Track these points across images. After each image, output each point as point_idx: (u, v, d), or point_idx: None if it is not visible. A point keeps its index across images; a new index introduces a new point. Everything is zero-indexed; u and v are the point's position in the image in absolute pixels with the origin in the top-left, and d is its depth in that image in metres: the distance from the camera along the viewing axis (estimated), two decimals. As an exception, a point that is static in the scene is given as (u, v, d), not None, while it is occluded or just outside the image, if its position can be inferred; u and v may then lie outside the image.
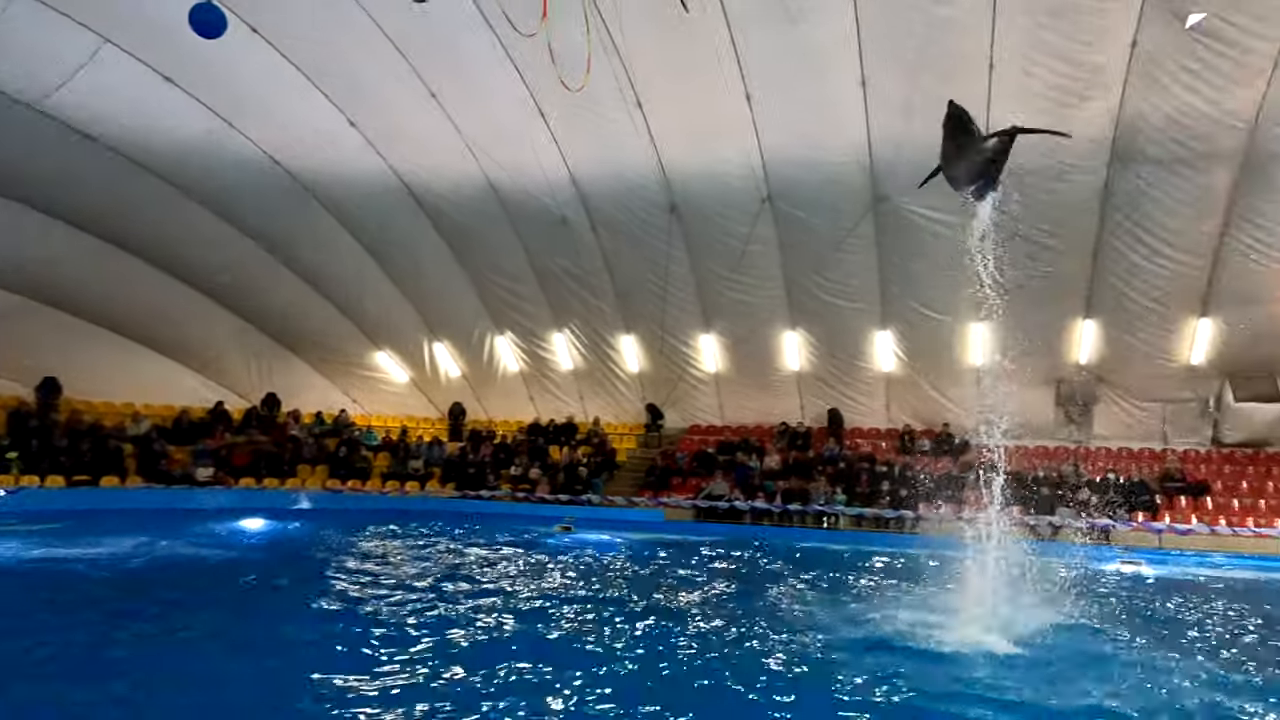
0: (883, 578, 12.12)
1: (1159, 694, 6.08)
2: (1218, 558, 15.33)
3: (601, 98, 16.40)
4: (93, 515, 14.74)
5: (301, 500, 18.40)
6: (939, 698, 5.89)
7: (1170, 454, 19.26)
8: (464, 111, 17.68)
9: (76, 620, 7.37)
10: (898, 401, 21.52)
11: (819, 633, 7.83)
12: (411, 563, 11.56)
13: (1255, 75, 14.24)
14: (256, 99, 17.25)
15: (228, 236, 19.84)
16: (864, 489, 19.22)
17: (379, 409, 24.62)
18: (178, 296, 20.75)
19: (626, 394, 23.54)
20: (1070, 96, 15.16)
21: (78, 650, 6.46)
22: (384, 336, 23.26)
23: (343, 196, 19.74)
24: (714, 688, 5.96)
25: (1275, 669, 7.14)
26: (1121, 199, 16.56)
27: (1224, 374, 18.72)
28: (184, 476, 18.74)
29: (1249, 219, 16.21)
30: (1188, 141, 15.44)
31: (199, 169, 18.24)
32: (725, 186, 18.28)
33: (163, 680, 5.77)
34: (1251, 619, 9.55)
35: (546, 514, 18.30)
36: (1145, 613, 9.86)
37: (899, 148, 16.44)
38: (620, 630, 7.69)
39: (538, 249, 20.78)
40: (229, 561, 11.59)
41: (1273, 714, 5.74)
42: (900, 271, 18.90)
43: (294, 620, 7.61)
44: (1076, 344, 19.14)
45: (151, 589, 9.14)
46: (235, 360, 22.60)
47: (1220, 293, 17.42)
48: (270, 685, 5.80)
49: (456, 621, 7.73)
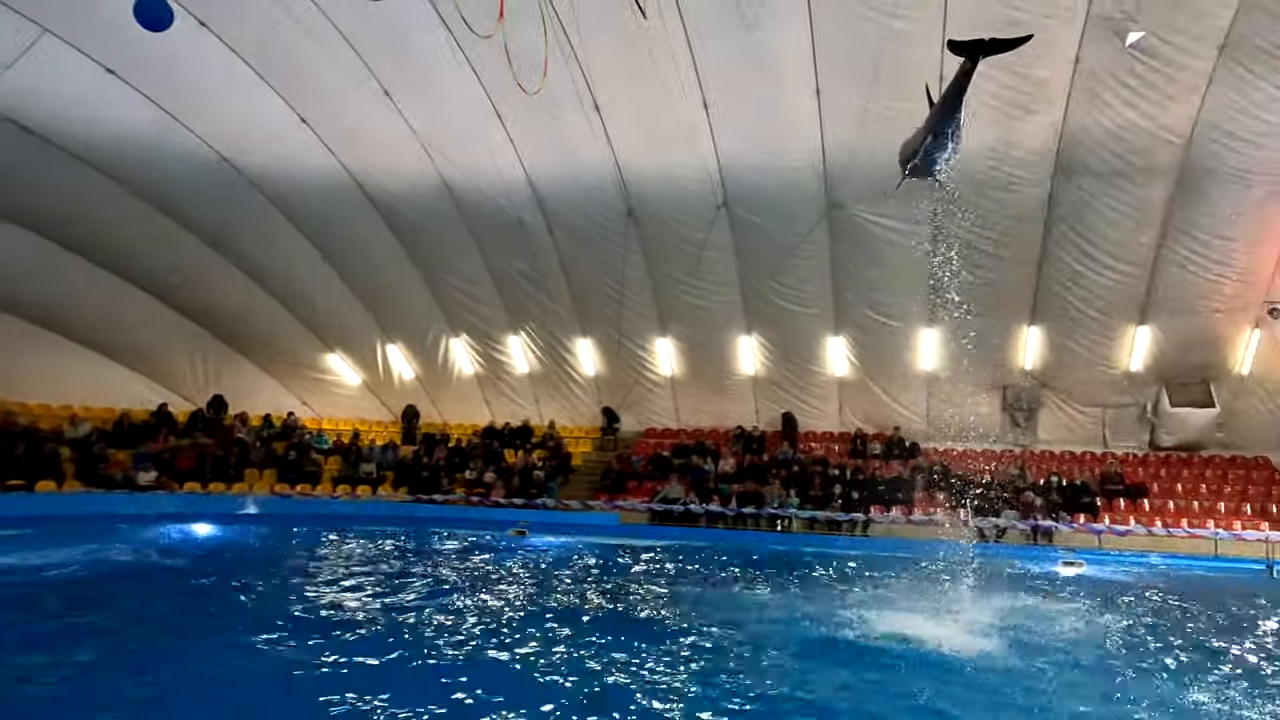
0: (836, 579, 12.28)
1: (1094, 687, 6.29)
2: (1153, 558, 15.85)
3: (559, 100, 16.39)
4: (27, 521, 14.20)
5: (248, 505, 17.96)
6: (885, 698, 6.00)
7: (1110, 457, 19.87)
8: (419, 111, 17.51)
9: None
10: (850, 405, 21.85)
11: (759, 631, 7.92)
12: (361, 569, 11.37)
13: (1190, 92, 14.81)
14: (204, 94, 16.86)
15: (173, 234, 19.36)
16: (817, 492, 19.46)
17: (330, 412, 24.20)
18: (120, 295, 20.18)
19: (582, 397, 23.51)
20: (1016, 109, 15.60)
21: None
22: (336, 338, 22.88)
23: (293, 195, 19.39)
24: (664, 693, 5.98)
25: (1201, 660, 7.43)
26: (1065, 210, 17.07)
27: (1160, 380, 19.40)
28: (125, 481, 18.18)
29: (1184, 231, 16.84)
30: (1127, 155, 15.99)
31: (144, 165, 17.78)
32: (682, 191, 18.39)
33: (94, 702, 5.57)
34: (1184, 615, 9.90)
35: (501, 518, 18.16)
36: (1086, 612, 10.15)
37: (853, 156, 16.74)
38: (567, 636, 7.66)
39: (494, 251, 20.65)
40: (170, 569, 11.27)
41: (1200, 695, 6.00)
42: (853, 278, 19.21)
43: (239, 632, 7.42)
44: (1022, 350, 19.66)
45: (85, 599, 8.83)
46: (180, 361, 22.04)
47: (1157, 302, 18.06)
48: (215, 702, 5.65)
49: (403, 629, 7.62)
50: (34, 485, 16.97)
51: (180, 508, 16.82)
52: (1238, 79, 14.41)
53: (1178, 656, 7.67)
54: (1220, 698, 6.27)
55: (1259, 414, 19.08)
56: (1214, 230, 16.67)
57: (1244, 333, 18.21)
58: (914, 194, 17.42)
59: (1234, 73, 14.33)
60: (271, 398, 23.21)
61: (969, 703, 5.90)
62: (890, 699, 6.00)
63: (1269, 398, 18.83)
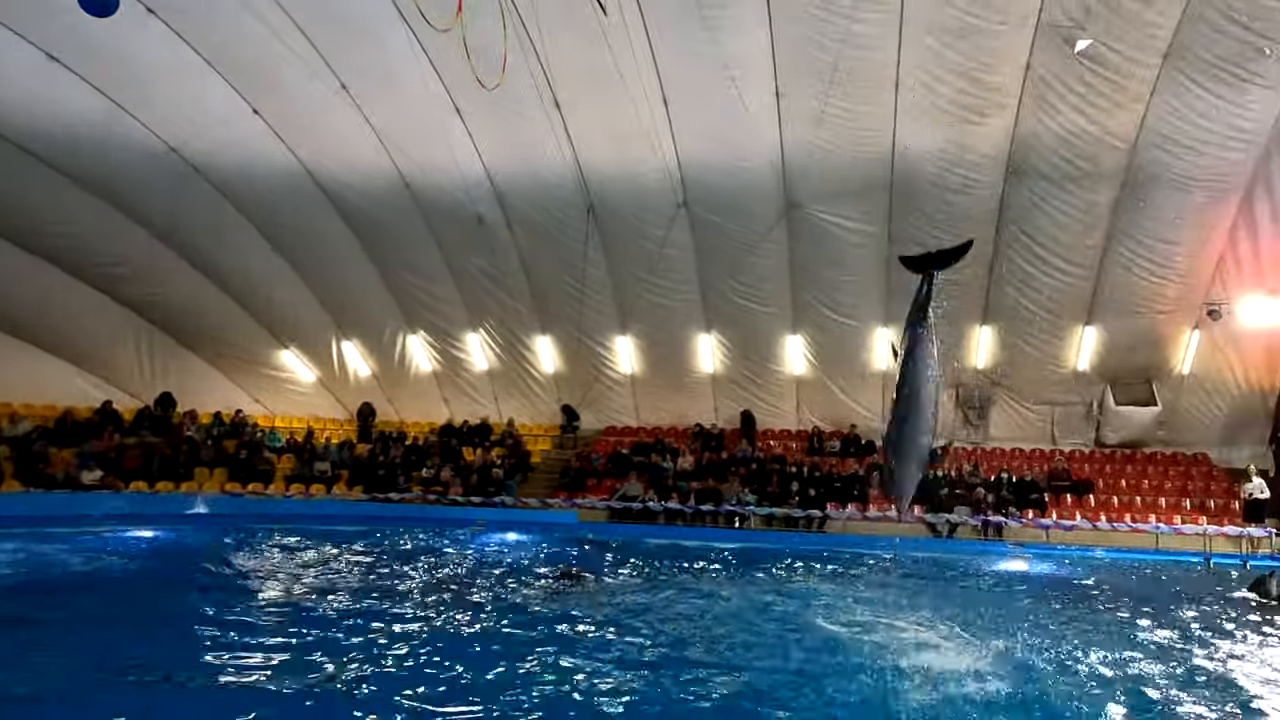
0: (791, 575, 12.41)
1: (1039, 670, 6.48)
2: (1098, 551, 16.30)
3: (519, 97, 16.29)
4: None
5: (197, 504, 17.54)
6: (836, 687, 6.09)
7: (1058, 454, 20.40)
8: (376, 105, 17.26)
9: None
10: (808, 404, 22.09)
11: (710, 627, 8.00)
12: (313, 569, 11.18)
13: (1135, 99, 15.25)
14: (152, 82, 16.39)
15: (119, 226, 18.81)
16: (775, 489, 19.64)
17: (284, 409, 23.72)
18: (62, 288, 19.54)
19: (542, 395, 23.40)
20: (971, 113, 15.91)
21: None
22: (290, 334, 22.43)
23: (245, 187, 18.95)
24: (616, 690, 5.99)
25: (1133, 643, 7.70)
26: (1016, 212, 17.46)
27: (1106, 379, 19.97)
28: (68, 480, 17.64)
29: (1129, 234, 17.34)
30: (1075, 160, 16.41)
31: (88, 155, 17.24)
32: (642, 189, 18.40)
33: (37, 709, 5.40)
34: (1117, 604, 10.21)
35: (459, 516, 18.01)
36: (1035, 603, 10.40)
37: (811, 156, 16.94)
38: (524, 636, 7.63)
39: (453, 247, 20.44)
40: (114, 571, 10.96)
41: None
42: (811, 277, 19.43)
43: (187, 634, 7.25)
44: (975, 349, 20.07)
45: (22, 604, 8.55)
46: (126, 357, 21.40)
47: (1103, 303, 18.58)
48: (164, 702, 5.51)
49: (353, 629, 7.51)
50: (-30, 485, 16.39)
51: (126, 508, 16.36)
52: (1180, 87, 14.88)
53: (1094, 640, 7.91)
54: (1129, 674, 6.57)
55: (1198, 412, 19.76)
56: (1157, 234, 17.20)
57: (1185, 334, 18.83)
58: (870, 194, 17.78)
59: (1177, 81, 14.79)
60: (222, 395, 22.67)
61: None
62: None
63: (1208, 397, 19.52)
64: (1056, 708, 5.84)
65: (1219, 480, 19.13)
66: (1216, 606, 10.33)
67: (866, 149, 16.77)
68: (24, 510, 15.22)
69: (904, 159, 16.76)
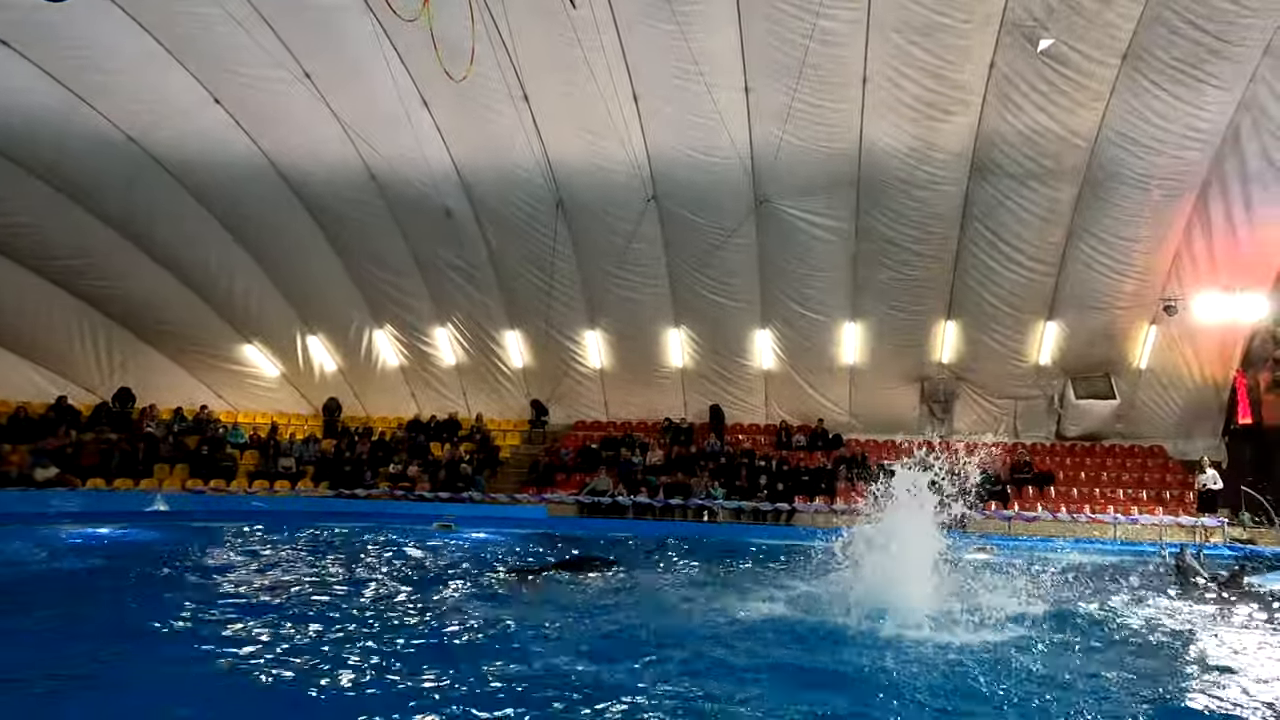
0: (759, 568, 12.49)
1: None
2: (1059, 542, 16.61)
3: (487, 90, 16.17)
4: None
5: (157, 502, 17.16)
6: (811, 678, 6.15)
7: (1020, 447, 20.78)
8: (341, 96, 17.02)
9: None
10: (776, 398, 22.24)
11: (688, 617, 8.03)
12: (276, 567, 11.02)
13: (1095, 99, 15.55)
14: (109, 71, 16.00)
15: (76, 218, 18.34)
16: (743, 483, 19.75)
17: (247, 405, 23.33)
18: (15, 281, 19.02)
19: (511, 390, 23.28)
20: (937, 111, 16.10)
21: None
22: (253, 328, 22.04)
23: (206, 178, 18.58)
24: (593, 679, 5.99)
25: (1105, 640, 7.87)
26: (980, 209, 17.72)
27: (1066, 373, 20.37)
28: (21, 477, 17.18)
29: (1090, 231, 17.69)
30: (1038, 157, 16.70)
31: (44, 144, 16.83)
32: (611, 184, 18.37)
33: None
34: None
35: (426, 512, 17.84)
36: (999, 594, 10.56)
37: (780, 151, 17.00)
38: (494, 633, 7.59)
39: (420, 240, 20.24)
40: (69, 572, 10.69)
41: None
42: (780, 272, 19.54)
43: (144, 639, 7.08)
44: (940, 344, 20.35)
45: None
46: (84, 353, 20.88)
47: (1064, 298, 18.94)
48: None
49: (317, 629, 7.42)
50: (-81, 483, 15.91)
51: (82, 505, 15.98)
52: (1139, 88, 15.20)
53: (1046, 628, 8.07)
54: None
55: (1155, 405, 20.24)
56: (1116, 231, 17.56)
57: (1142, 329, 19.27)
58: (838, 190, 17.92)
59: (1136, 81, 15.11)
60: (184, 391, 22.22)
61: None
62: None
63: (1164, 390, 20.00)
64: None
65: (1174, 472, 19.62)
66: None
67: (834, 145, 16.91)
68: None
69: (871, 155, 16.93)
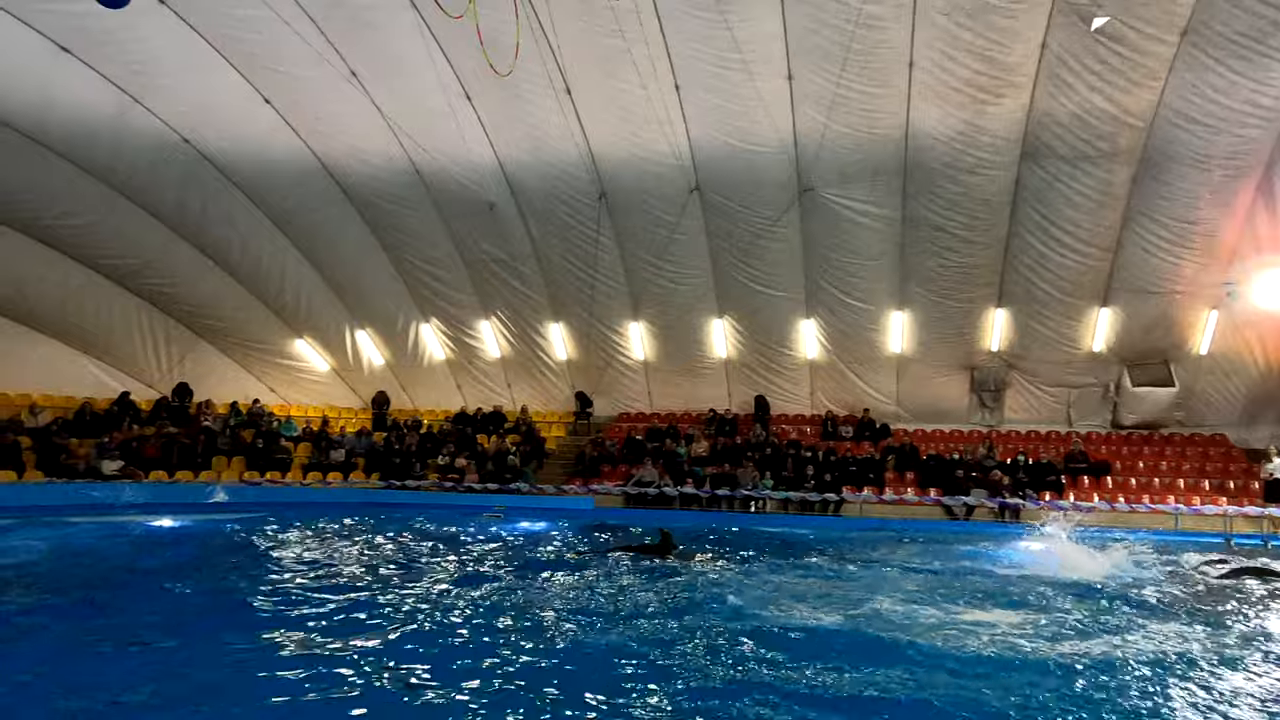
0: (808, 559, 12.44)
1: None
2: (1117, 533, 16.23)
3: (529, 83, 16.25)
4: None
5: (217, 493, 17.68)
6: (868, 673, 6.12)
7: (1074, 436, 20.32)
8: (387, 93, 17.25)
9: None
10: (821, 388, 22.05)
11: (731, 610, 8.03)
12: (338, 556, 11.28)
13: (1152, 77, 15.07)
14: (164, 73, 16.44)
15: (134, 218, 18.91)
16: (789, 474, 19.65)
17: (298, 398, 23.88)
18: (78, 280, 19.68)
19: (555, 382, 23.45)
20: (985, 94, 15.76)
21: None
22: (304, 324, 22.53)
23: (257, 177, 19.02)
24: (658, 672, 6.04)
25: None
26: (1030, 193, 17.32)
27: (1122, 360, 19.83)
28: (89, 470, 17.82)
29: (1146, 214, 17.18)
30: (1091, 139, 16.25)
31: (102, 146, 17.34)
32: (654, 175, 18.35)
33: (78, 691, 5.48)
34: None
35: (475, 503, 18.10)
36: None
37: (824, 139, 16.82)
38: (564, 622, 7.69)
39: (464, 235, 20.46)
40: (143, 559, 11.09)
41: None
42: (824, 261, 19.35)
43: (221, 621, 7.34)
44: (989, 332, 19.96)
45: (62, 589, 8.67)
46: (143, 349, 21.55)
47: (1119, 283, 18.43)
48: (210, 689, 5.59)
49: (382, 617, 7.59)
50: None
51: (147, 497, 16.52)
52: (1198, 64, 14.69)
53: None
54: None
55: (1216, 393, 19.62)
56: (1174, 213, 17.03)
57: (1202, 314, 18.67)
58: (883, 177, 17.67)
59: (1195, 58, 14.60)
60: (237, 385, 22.82)
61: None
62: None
63: (1226, 377, 19.37)
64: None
65: (1238, 461, 19.02)
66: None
67: (880, 131, 16.66)
68: (51, 500, 15.41)
69: (917, 141, 16.65)
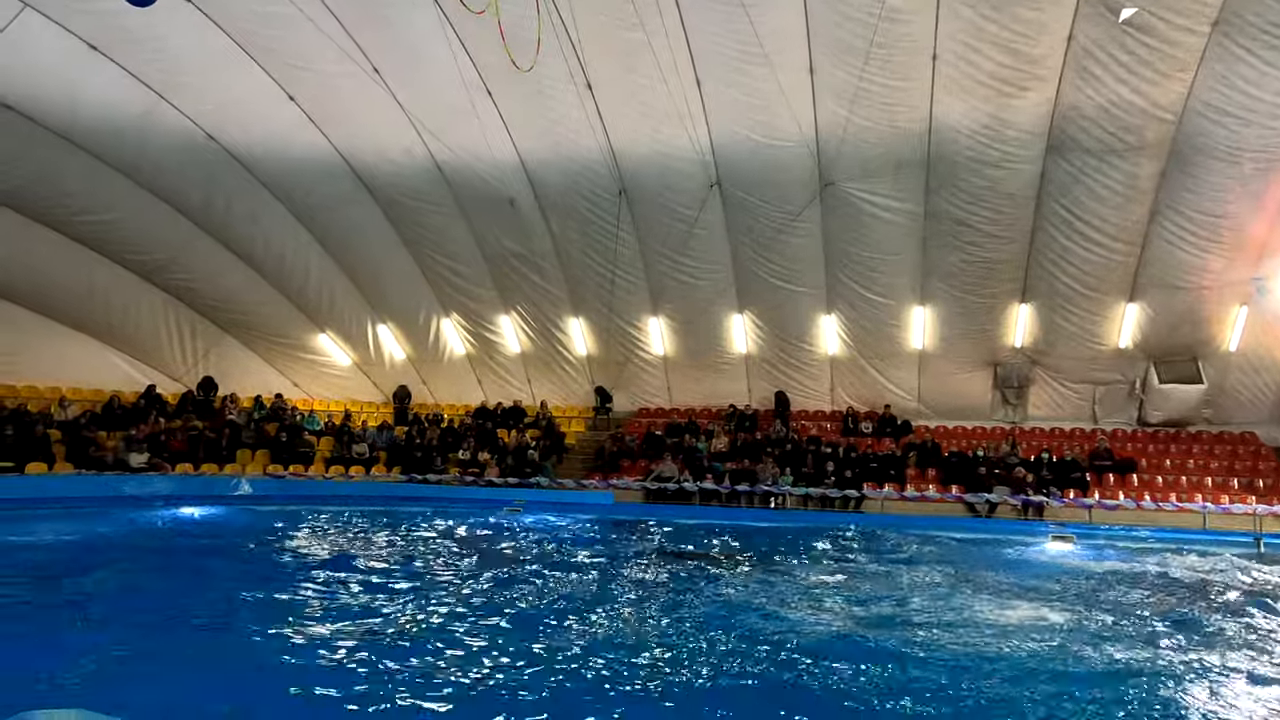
0: (830, 554, 12.41)
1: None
2: (1142, 531, 16.05)
3: (550, 78, 16.25)
4: (20, 503, 14.17)
5: (243, 486, 17.91)
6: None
7: (1099, 433, 20.08)
8: (408, 89, 17.32)
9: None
10: (842, 384, 21.93)
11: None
12: (366, 547, 11.40)
13: (1182, 68, 14.81)
14: (189, 70, 16.63)
15: (159, 213, 19.16)
16: (810, 470, 19.58)
17: (320, 392, 24.10)
18: (105, 276, 19.98)
19: (575, 377, 23.51)
20: (1010, 87, 15.57)
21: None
22: (326, 318, 22.73)
23: (282, 174, 19.19)
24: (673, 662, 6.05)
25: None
26: (1056, 187, 17.09)
27: (1149, 357, 19.55)
28: (117, 463, 18.08)
29: (1174, 208, 16.90)
30: (1118, 132, 16.00)
31: (128, 142, 17.56)
32: (674, 170, 18.30)
33: (117, 677, 5.58)
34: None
35: (497, 498, 18.19)
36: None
37: (846, 133, 16.70)
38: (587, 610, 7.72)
39: (485, 231, 20.53)
40: (176, 549, 11.27)
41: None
42: (845, 255, 19.22)
43: (253, 609, 7.44)
44: (1013, 327, 19.76)
45: (95, 576, 8.83)
46: (169, 343, 21.86)
47: (1146, 279, 18.16)
48: (239, 682, 5.67)
49: (406, 607, 7.66)
50: (24, 468, 16.87)
51: (175, 489, 16.78)
52: (1229, 55, 14.41)
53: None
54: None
55: (1246, 390, 19.30)
56: (1203, 207, 16.74)
57: (1231, 310, 18.36)
58: (906, 171, 17.52)
59: (1226, 49, 14.33)
60: (260, 379, 23.08)
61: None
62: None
63: (1255, 374, 19.05)
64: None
65: (1267, 459, 18.72)
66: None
67: (902, 125, 16.51)
68: (83, 491, 15.70)
69: (941, 135, 16.48)
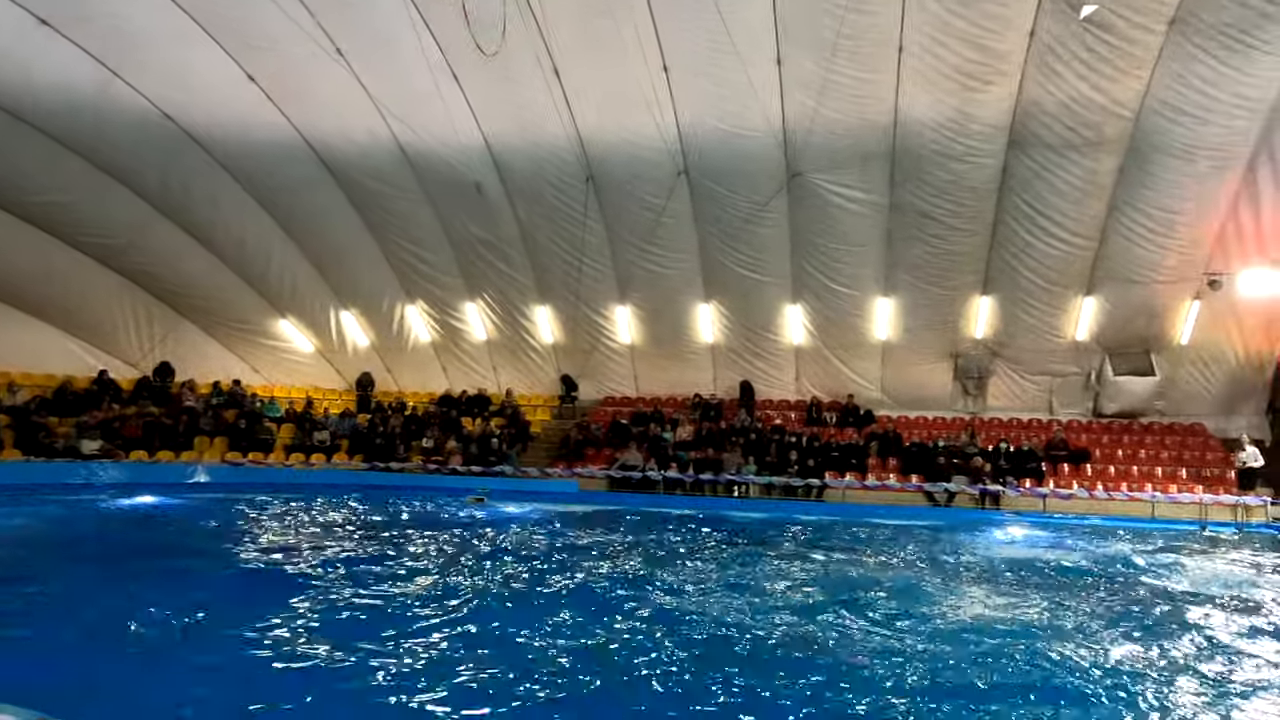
0: (793, 544, 12.53)
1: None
2: (1094, 519, 16.43)
3: (518, 64, 16.09)
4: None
5: (198, 474, 17.59)
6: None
7: (1056, 424, 20.48)
8: (373, 72, 17.04)
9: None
10: (806, 374, 22.11)
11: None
12: (315, 538, 11.25)
13: (1140, 66, 15.08)
14: (145, 48, 16.20)
15: (115, 194, 18.68)
16: (773, 459, 19.73)
17: (281, 379, 23.71)
18: (57, 257, 19.42)
19: (541, 365, 23.41)
20: (974, 81, 15.75)
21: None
22: (287, 304, 22.34)
23: (241, 155, 18.78)
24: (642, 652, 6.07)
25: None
26: (1018, 181, 17.35)
27: (1105, 349, 19.98)
28: (68, 450, 17.65)
29: (1131, 203, 17.25)
30: (1078, 128, 16.27)
31: (82, 121, 17.08)
32: (642, 158, 18.25)
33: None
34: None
35: (459, 486, 18.08)
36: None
37: (813, 124, 16.76)
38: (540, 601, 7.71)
39: (451, 216, 20.31)
40: (121, 539, 11.03)
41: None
42: (812, 246, 19.34)
43: (202, 598, 7.31)
44: (974, 319, 20.04)
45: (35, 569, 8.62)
46: (124, 328, 21.32)
47: (1103, 273, 18.54)
48: (184, 672, 5.57)
49: (360, 599, 7.58)
50: (-30, 455, 16.41)
51: (128, 477, 16.41)
52: (1186, 55, 14.71)
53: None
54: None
55: (1196, 382, 19.82)
56: (1159, 203, 17.11)
57: (1184, 303, 18.82)
58: (872, 163, 17.66)
59: (1182, 48, 14.63)
60: (220, 365, 22.64)
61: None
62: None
63: (1205, 367, 19.57)
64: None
65: (1215, 450, 19.25)
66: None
67: (869, 117, 16.62)
68: (31, 479, 15.29)
69: (906, 127, 16.62)
